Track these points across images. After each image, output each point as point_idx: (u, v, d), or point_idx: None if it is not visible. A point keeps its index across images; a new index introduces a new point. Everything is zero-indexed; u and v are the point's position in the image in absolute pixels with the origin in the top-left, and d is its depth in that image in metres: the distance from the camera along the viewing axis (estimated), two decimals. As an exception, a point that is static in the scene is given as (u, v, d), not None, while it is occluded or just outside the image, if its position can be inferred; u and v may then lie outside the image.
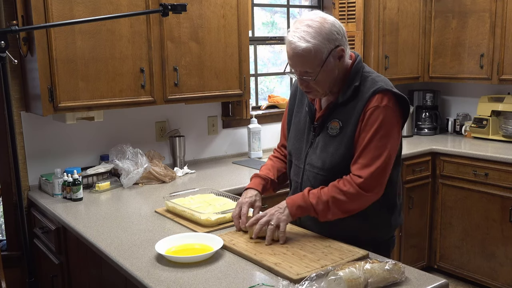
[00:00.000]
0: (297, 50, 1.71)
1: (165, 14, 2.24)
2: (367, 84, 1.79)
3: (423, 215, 3.80)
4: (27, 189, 2.79)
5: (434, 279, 1.56)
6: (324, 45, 1.71)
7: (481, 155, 3.48)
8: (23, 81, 2.71)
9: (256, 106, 3.81)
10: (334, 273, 1.46)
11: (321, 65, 1.73)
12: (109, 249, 1.88)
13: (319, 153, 1.85)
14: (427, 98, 4.29)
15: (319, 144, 1.86)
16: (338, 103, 1.82)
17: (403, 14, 3.93)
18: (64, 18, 2.44)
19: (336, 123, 1.82)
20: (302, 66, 1.74)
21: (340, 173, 1.80)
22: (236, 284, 1.55)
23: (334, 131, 1.82)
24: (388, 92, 1.77)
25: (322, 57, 1.72)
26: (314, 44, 1.70)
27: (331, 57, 1.74)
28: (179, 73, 2.84)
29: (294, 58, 1.74)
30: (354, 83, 1.80)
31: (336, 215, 1.78)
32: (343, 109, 1.81)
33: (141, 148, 2.89)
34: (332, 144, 1.82)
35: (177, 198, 2.30)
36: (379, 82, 1.80)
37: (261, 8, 3.89)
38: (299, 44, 1.70)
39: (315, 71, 1.73)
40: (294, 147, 1.97)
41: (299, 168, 1.94)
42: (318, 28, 1.71)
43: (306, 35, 1.70)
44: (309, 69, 1.74)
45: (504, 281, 3.46)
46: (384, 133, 1.75)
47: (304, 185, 1.90)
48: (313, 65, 1.73)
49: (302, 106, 1.98)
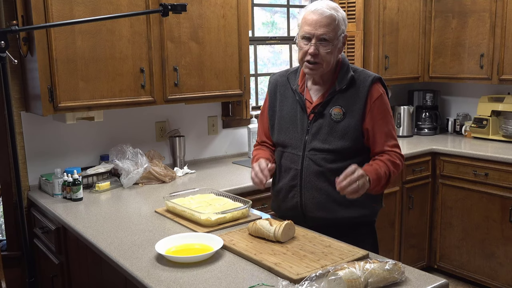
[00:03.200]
0: (324, 14, 1.89)
1: (165, 14, 2.24)
2: (360, 74, 2.00)
3: (423, 215, 3.80)
4: (27, 189, 2.79)
5: (434, 279, 1.56)
6: (342, 23, 1.94)
7: (481, 155, 3.48)
8: (23, 81, 2.71)
9: (256, 106, 3.81)
10: (334, 273, 1.45)
11: (336, 38, 1.93)
12: (109, 249, 1.88)
13: (324, 137, 1.98)
14: (427, 98, 4.29)
15: (321, 130, 1.99)
16: (336, 91, 1.99)
17: (403, 14, 3.93)
18: (64, 18, 2.44)
19: (339, 109, 1.97)
20: (323, 31, 1.90)
21: (348, 154, 1.97)
22: (236, 284, 1.55)
23: (338, 117, 1.97)
24: (380, 80, 2.03)
25: (338, 32, 1.93)
26: (338, 16, 1.92)
27: (341, 37, 1.96)
28: (179, 73, 2.84)
29: (318, 22, 1.89)
30: (349, 73, 1.99)
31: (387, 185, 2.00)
32: (343, 96, 1.98)
33: (141, 148, 2.89)
34: (339, 129, 1.97)
35: (177, 198, 2.30)
36: (369, 71, 2.04)
37: (261, 8, 3.89)
38: (327, 10, 1.90)
39: (333, 40, 1.91)
40: (287, 137, 2.06)
41: (297, 155, 2.03)
42: (341, 12, 1.95)
43: (331, 9, 1.92)
44: (328, 36, 1.90)
45: (504, 281, 3.46)
46: (391, 114, 2.04)
47: (305, 171, 2.00)
48: (333, 33, 1.91)
49: (286, 99, 2.09)
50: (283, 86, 2.11)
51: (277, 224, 1.84)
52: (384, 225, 3.51)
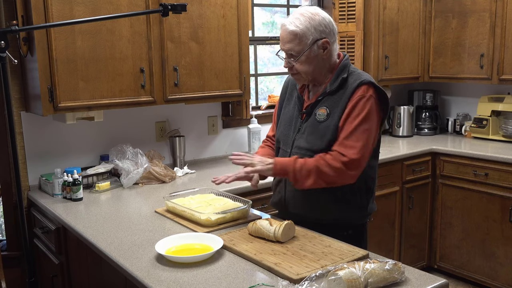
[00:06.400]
0: (285, 32, 1.94)
1: (165, 14, 2.24)
2: (354, 77, 1.98)
3: (423, 215, 3.80)
4: (27, 189, 2.79)
5: (434, 279, 1.56)
6: (311, 33, 1.92)
7: (481, 155, 3.47)
8: (23, 81, 2.71)
9: (256, 106, 3.81)
10: (334, 273, 1.46)
11: (304, 50, 1.94)
12: (109, 249, 1.88)
13: (306, 136, 2.02)
14: (427, 98, 4.29)
15: (306, 129, 2.03)
16: (326, 93, 2.00)
17: (403, 14, 3.93)
18: (64, 18, 2.44)
19: (324, 110, 1.99)
20: (288, 47, 1.96)
21: None
22: (236, 284, 1.55)
23: (322, 117, 1.99)
24: (373, 85, 1.95)
25: (307, 43, 1.93)
26: (301, 29, 1.92)
27: (315, 45, 1.95)
28: (179, 73, 2.84)
29: (283, 39, 1.97)
30: (341, 75, 1.98)
31: (316, 184, 1.93)
32: (331, 97, 1.99)
33: (141, 148, 2.89)
34: (320, 129, 1.98)
35: (177, 198, 2.30)
36: (364, 75, 1.99)
37: (261, 8, 3.89)
38: (289, 26, 1.93)
39: (299, 54, 1.94)
40: (283, 134, 2.14)
41: (286, 152, 2.10)
42: (309, 18, 1.93)
43: (296, 21, 1.93)
44: (294, 51, 1.95)
45: (504, 281, 3.46)
46: (370, 121, 1.93)
47: None
48: (299, 46, 1.93)
49: (291, 98, 2.16)
50: (293, 86, 2.18)
51: (277, 224, 1.84)
52: (384, 225, 3.51)
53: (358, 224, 2.11)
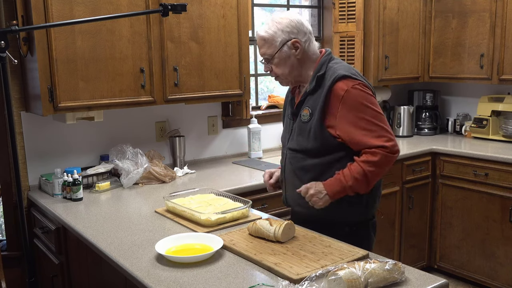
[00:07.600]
0: (258, 38, 2.07)
1: (165, 14, 2.24)
2: (329, 73, 2.00)
3: (423, 215, 3.80)
4: (27, 189, 2.79)
5: (434, 279, 1.56)
6: (278, 35, 2.01)
7: (481, 155, 3.47)
8: (23, 81, 2.71)
9: (256, 106, 3.81)
10: (334, 273, 1.46)
11: (275, 52, 2.03)
12: (109, 249, 1.88)
13: (296, 137, 2.09)
14: (427, 98, 4.29)
15: (295, 130, 2.10)
16: (307, 92, 2.05)
17: (403, 14, 3.93)
18: (64, 18, 2.44)
19: (307, 110, 2.04)
20: (262, 52, 2.07)
21: (313, 153, 2.03)
22: (236, 284, 1.55)
23: (306, 118, 2.04)
24: (347, 77, 1.96)
25: (276, 45, 2.02)
26: (269, 34, 2.03)
27: (285, 46, 2.02)
28: (179, 73, 2.84)
29: (258, 44, 2.09)
30: (318, 73, 2.02)
31: (374, 182, 1.99)
32: (312, 97, 2.03)
33: (141, 148, 2.89)
34: (305, 129, 2.03)
35: (177, 198, 2.30)
36: (338, 70, 1.99)
37: (261, 8, 3.89)
38: (260, 33, 2.06)
39: (271, 56, 2.04)
40: (282, 136, 2.25)
41: (283, 153, 2.20)
42: (277, 22, 2.03)
43: (266, 27, 2.05)
44: (267, 55, 2.05)
45: (504, 281, 3.46)
46: (371, 106, 1.95)
47: (286, 167, 2.15)
48: (270, 49, 2.04)
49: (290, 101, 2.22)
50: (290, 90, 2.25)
51: (277, 224, 1.84)
52: (384, 225, 3.51)
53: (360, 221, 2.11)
